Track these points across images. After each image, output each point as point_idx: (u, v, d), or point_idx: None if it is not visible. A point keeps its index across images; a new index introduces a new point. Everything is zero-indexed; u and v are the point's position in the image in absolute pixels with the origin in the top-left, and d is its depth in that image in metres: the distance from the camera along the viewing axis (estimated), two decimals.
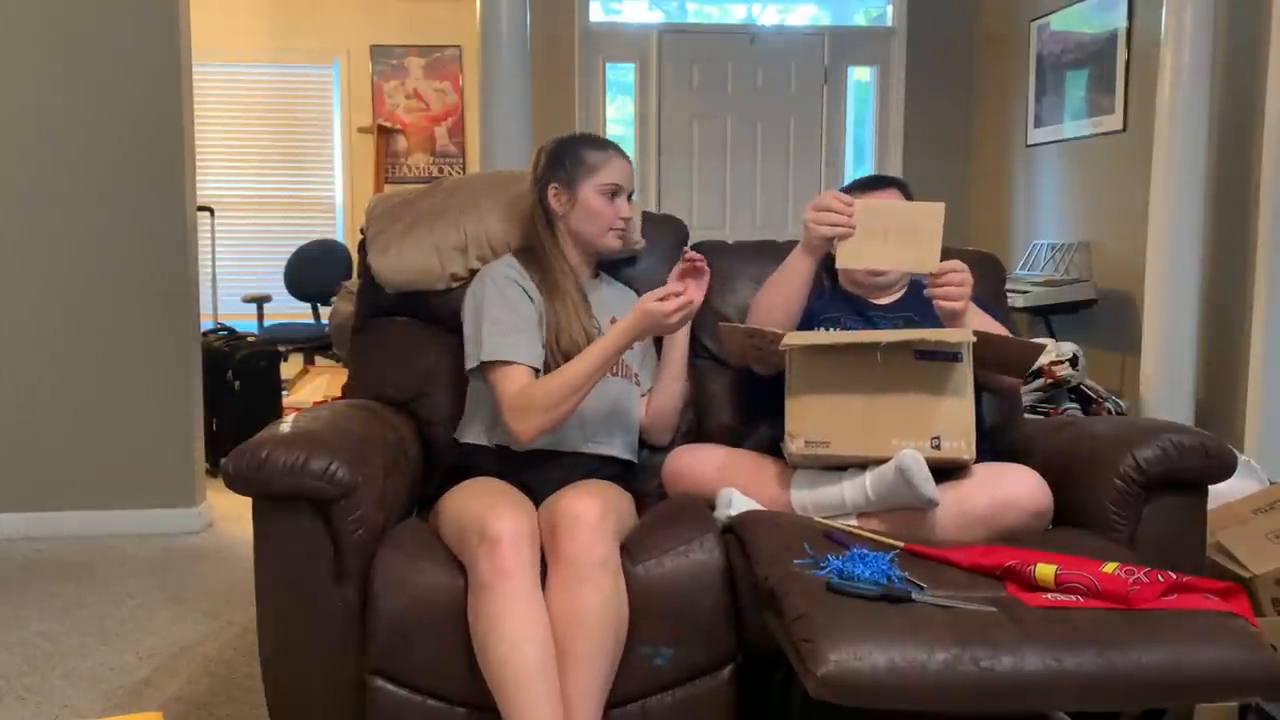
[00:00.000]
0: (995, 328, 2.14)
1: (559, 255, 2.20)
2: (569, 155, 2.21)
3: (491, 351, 2.08)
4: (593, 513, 1.80)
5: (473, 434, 2.18)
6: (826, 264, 2.25)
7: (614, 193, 2.20)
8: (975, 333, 1.96)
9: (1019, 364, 2.12)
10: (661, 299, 1.96)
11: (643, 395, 2.30)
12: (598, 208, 2.18)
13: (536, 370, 2.08)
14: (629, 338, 2.00)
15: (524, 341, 2.09)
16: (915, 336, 1.95)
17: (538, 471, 2.09)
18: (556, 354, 2.09)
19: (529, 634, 1.71)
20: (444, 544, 1.90)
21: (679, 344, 2.26)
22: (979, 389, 2.16)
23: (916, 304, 2.29)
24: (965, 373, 1.96)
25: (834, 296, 2.36)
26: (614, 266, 2.42)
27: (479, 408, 2.18)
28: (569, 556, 1.77)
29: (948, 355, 1.96)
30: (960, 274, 2.05)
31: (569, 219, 2.20)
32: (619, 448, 2.19)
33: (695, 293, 2.06)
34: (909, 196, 2.32)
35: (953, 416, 1.95)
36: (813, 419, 1.99)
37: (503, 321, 2.10)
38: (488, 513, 1.80)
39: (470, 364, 2.13)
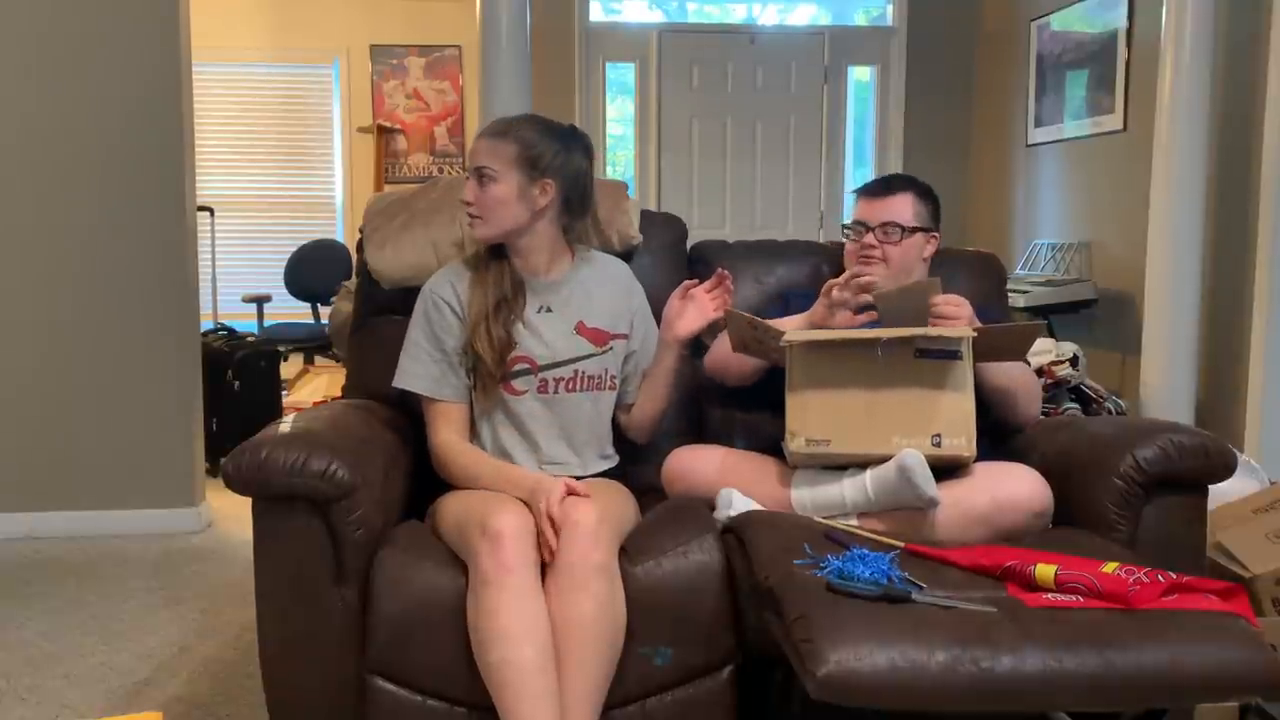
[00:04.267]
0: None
1: (509, 266, 2.10)
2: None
3: (401, 378, 2.10)
4: (589, 518, 1.79)
5: None
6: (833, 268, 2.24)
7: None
8: (974, 328, 1.96)
9: (1019, 347, 2.10)
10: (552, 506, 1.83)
11: (629, 402, 2.25)
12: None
13: (458, 401, 2.09)
14: (524, 490, 1.91)
15: (436, 374, 2.08)
16: (915, 333, 1.95)
17: None
18: (471, 358, 2.06)
19: (528, 632, 1.71)
20: (444, 544, 1.90)
21: (664, 362, 2.19)
22: (990, 403, 2.16)
23: None
24: (965, 370, 1.96)
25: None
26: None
27: None
28: (566, 562, 1.76)
29: (948, 353, 1.96)
30: (955, 301, 2.05)
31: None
32: (587, 465, 2.15)
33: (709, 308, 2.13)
34: (925, 193, 2.33)
35: (953, 414, 1.95)
36: (813, 417, 1.99)
37: (420, 347, 2.10)
38: (490, 509, 1.80)
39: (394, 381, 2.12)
